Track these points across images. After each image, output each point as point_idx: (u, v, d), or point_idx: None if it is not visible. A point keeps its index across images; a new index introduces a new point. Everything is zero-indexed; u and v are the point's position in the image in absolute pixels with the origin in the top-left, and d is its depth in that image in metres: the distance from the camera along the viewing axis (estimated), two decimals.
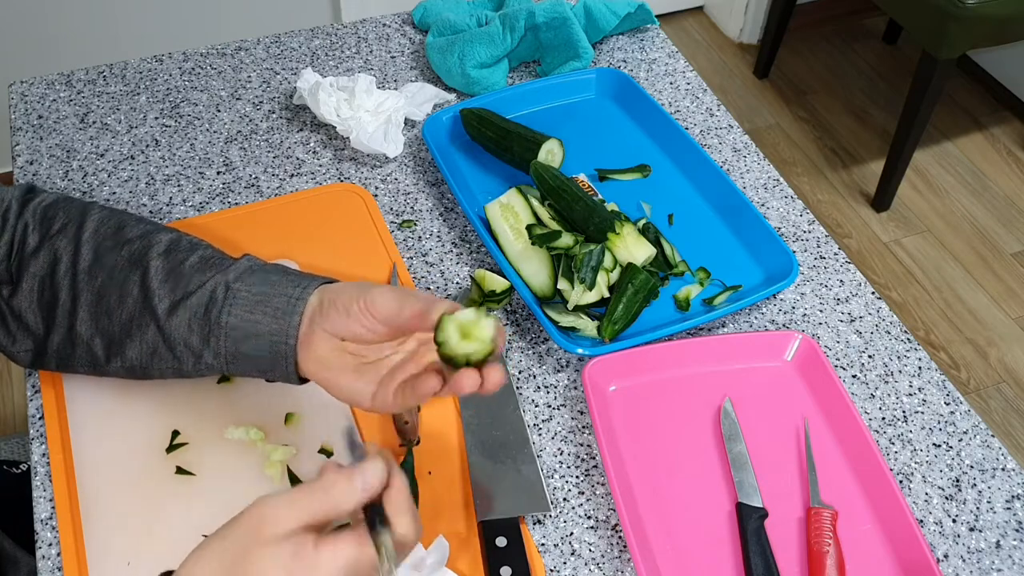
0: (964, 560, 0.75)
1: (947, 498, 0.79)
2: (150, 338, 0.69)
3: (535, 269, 0.89)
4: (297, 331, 0.66)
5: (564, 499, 0.77)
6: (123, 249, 0.71)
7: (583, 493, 0.77)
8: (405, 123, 1.09)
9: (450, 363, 0.60)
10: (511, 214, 0.92)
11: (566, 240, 0.89)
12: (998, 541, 0.76)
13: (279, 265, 0.72)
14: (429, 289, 0.92)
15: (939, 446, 0.82)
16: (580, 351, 0.83)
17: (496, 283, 0.89)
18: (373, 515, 0.56)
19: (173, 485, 0.75)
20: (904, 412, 0.84)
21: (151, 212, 0.98)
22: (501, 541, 0.71)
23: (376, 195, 1.01)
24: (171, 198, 0.99)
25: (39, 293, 0.72)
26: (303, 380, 0.69)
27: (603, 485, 0.78)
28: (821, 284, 0.95)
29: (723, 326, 0.90)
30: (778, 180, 1.05)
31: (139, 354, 0.70)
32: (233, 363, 0.69)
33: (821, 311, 0.92)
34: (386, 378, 0.64)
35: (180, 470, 0.76)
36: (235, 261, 0.71)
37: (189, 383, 0.81)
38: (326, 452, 0.77)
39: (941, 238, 2.28)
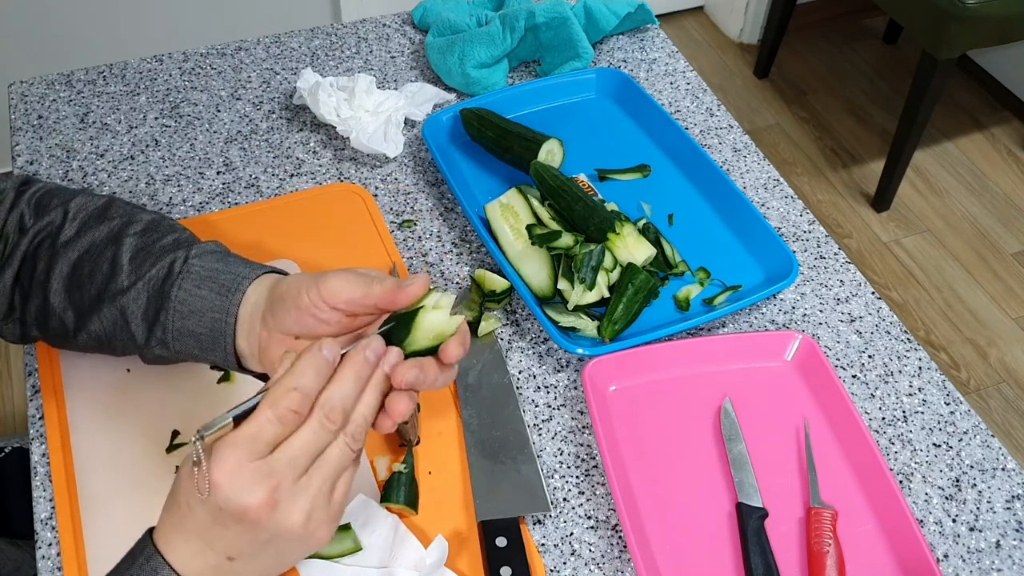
0: (964, 560, 0.75)
1: (947, 498, 0.79)
2: (112, 312, 0.69)
3: (535, 269, 0.89)
4: (237, 309, 0.65)
5: (564, 499, 0.77)
6: (103, 226, 0.71)
7: (583, 493, 0.77)
8: (405, 123, 1.08)
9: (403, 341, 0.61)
10: (511, 214, 0.92)
11: (566, 240, 0.88)
12: (998, 541, 0.76)
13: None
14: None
15: (939, 446, 0.82)
16: (580, 351, 0.83)
17: (496, 283, 0.89)
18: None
19: None
20: (904, 412, 0.84)
21: None
22: (501, 541, 0.71)
23: (376, 195, 1.01)
24: (171, 198, 0.99)
25: (21, 268, 0.72)
26: (243, 368, 0.68)
27: (603, 485, 0.78)
28: (821, 284, 0.94)
29: (723, 326, 0.90)
30: (778, 180, 1.05)
31: (101, 327, 0.70)
32: (179, 339, 0.67)
33: (821, 311, 0.92)
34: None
35: None
36: (204, 244, 0.70)
37: (189, 383, 0.81)
38: None
39: (941, 238, 2.28)
